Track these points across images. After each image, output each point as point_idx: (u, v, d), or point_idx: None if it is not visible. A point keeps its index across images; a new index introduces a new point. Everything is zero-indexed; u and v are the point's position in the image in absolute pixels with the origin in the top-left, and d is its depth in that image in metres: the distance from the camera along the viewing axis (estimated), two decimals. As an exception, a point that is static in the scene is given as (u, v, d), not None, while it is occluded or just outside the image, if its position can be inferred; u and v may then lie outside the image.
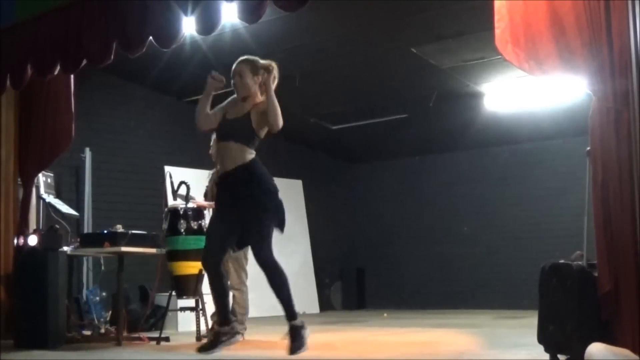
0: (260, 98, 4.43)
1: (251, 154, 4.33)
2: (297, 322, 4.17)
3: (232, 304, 6.00)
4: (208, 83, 4.42)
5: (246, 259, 5.82)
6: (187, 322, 6.92)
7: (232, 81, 4.43)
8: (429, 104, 9.13)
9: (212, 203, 5.68)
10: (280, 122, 4.27)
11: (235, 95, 4.49)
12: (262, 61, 4.44)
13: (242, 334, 5.96)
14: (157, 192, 7.74)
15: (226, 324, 4.35)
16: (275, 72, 4.41)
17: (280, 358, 4.49)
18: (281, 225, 4.32)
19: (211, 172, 6.30)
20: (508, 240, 10.81)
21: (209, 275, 4.40)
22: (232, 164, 4.28)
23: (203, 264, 4.44)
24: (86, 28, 5.33)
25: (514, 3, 3.73)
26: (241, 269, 5.94)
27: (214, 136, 5.93)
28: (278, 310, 4.27)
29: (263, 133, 4.39)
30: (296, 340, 4.11)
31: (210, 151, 6.11)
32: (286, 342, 4.13)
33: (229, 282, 5.96)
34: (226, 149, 4.33)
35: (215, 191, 5.28)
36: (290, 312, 4.19)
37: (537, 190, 10.63)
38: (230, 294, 6.01)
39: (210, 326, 5.82)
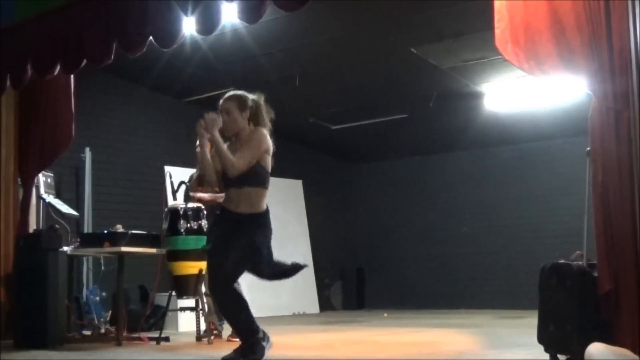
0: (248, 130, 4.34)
1: (266, 201, 4.25)
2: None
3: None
4: (198, 133, 4.21)
5: None
6: (187, 322, 6.92)
7: (220, 118, 4.29)
8: (429, 104, 9.13)
9: (208, 195, 5.69)
10: (233, 168, 4.12)
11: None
12: (250, 96, 4.35)
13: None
14: (157, 192, 7.74)
15: (258, 332, 4.28)
16: (261, 100, 4.33)
17: (281, 358, 4.50)
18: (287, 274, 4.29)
19: (192, 173, 6.31)
20: (508, 240, 10.82)
21: (218, 296, 4.37)
22: (248, 208, 4.19)
23: (210, 288, 4.44)
24: (86, 28, 5.33)
25: (514, 3, 3.73)
26: None
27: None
28: (278, 310, 4.26)
29: (269, 163, 4.26)
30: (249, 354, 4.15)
31: (197, 150, 6.05)
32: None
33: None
34: (243, 194, 4.19)
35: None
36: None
37: (537, 190, 10.64)
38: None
39: (207, 326, 5.83)
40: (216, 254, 4.22)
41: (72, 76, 6.09)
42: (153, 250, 5.85)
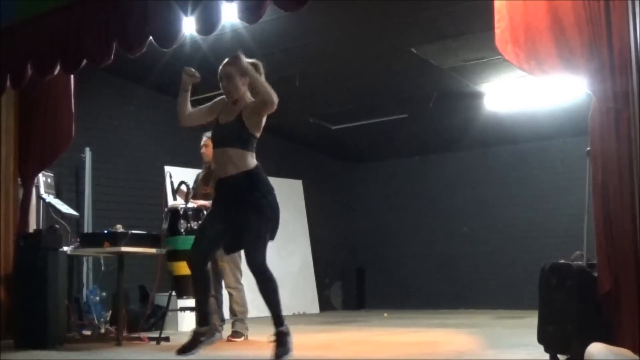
0: (250, 98, 4.31)
1: (254, 159, 4.23)
2: (284, 328, 4.12)
3: (231, 303, 6.02)
4: (183, 79, 4.41)
5: (240, 257, 5.83)
6: (187, 322, 6.92)
7: (220, 84, 4.30)
8: (429, 104, 9.13)
9: (205, 203, 5.70)
10: (274, 96, 4.10)
11: (223, 98, 4.39)
12: (248, 60, 4.28)
13: (245, 334, 5.97)
14: (157, 192, 7.74)
15: (205, 324, 4.26)
16: (262, 69, 4.28)
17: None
18: (272, 234, 4.20)
19: (198, 172, 6.32)
20: (508, 240, 10.82)
21: (193, 273, 4.28)
22: (234, 169, 4.17)
23: (188, 262, 4.31)
24: (86, 28, 5.32)
25: (514, 3, 3.73)
26: (236, 268, 5.94)
27: (205, 136, 5.96)
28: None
29: (259, 132, 4.26)
30: (282, 346, 4.05)
31: (202, 150, 6.12)
32: (272, 346, 4.07)
33: (223, 282, 5.99)
34: (226, 155, 4.20)
35: (211, 192, 5.28)
36: (277, 319, 4.14)
37: (537, 190, 10.64)
38: (227, 293, 6.05)
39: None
40: (241, 242, 4.20)
41: (72, 76, 6.09)
42: (153, 250, 5.84)
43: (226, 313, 6.22)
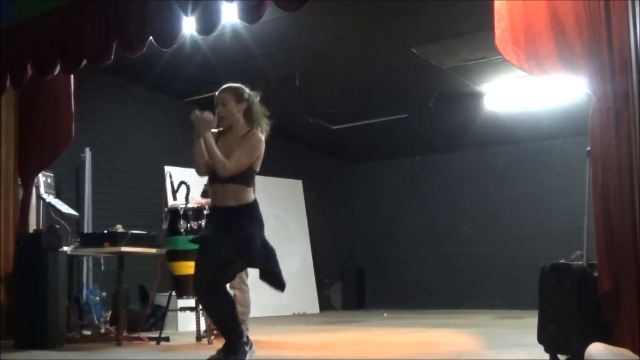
0: (245, 127, 4.26)
1: (252, 193, 4.21)
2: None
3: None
4: (195, 125, 4.15)
5: None
6: (187, 322, 6.92)
7: (215, 110, 4.24)
8: (429, 104, 9.13)
9: (205, 201, 5.69)
10: (224, 169, 4.10)
11: (217, 129, 4.31)
12: (247, 89, 4.28)
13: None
14: (157, 192, 7.74)
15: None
16: (254, 98, 4.24)
17: (281, 358, 4.50)
18: (276, 281, 4.21)
19: None
20: (508, 240, 10.82)
21: (202, 302, 4.29)
22: (234, 202, 4.14)
23: (195, 292, 4.31)
24: (86, 28, 5.33)
25: (514, 3, 3.74)
26: None
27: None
28: (278, 310, 4.24)
29: (257, 167, 4.23)
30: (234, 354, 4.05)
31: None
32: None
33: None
34: (226, 190, 4.15)
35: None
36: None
37: (537, 190, 10.64)
38: (231, 292, 6.05)
39: (208, 325, 5.83)
40: (209, 253, 4.17)
41: (72, 76, 6.09)
42: (153, 250, 5.85)
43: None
